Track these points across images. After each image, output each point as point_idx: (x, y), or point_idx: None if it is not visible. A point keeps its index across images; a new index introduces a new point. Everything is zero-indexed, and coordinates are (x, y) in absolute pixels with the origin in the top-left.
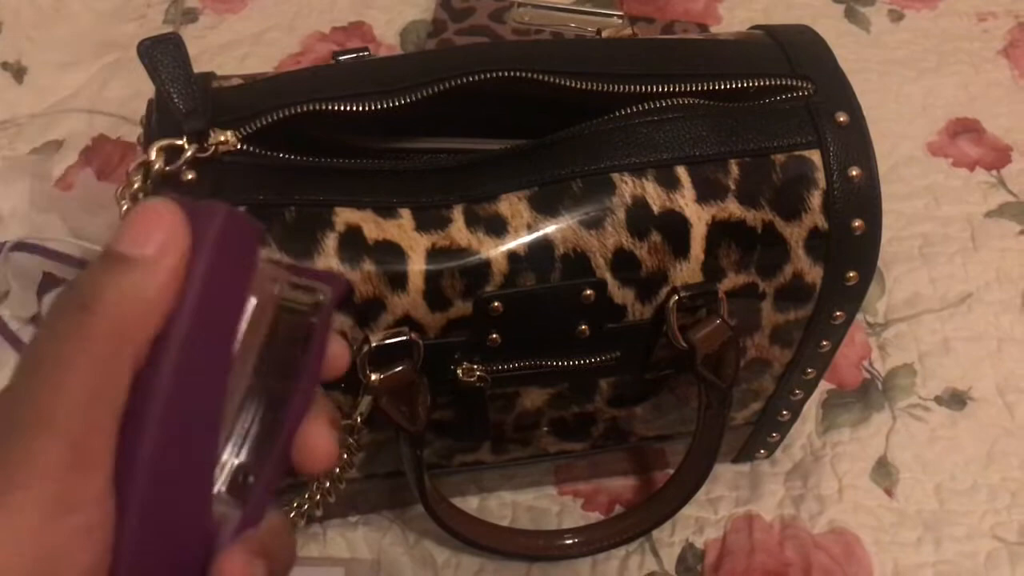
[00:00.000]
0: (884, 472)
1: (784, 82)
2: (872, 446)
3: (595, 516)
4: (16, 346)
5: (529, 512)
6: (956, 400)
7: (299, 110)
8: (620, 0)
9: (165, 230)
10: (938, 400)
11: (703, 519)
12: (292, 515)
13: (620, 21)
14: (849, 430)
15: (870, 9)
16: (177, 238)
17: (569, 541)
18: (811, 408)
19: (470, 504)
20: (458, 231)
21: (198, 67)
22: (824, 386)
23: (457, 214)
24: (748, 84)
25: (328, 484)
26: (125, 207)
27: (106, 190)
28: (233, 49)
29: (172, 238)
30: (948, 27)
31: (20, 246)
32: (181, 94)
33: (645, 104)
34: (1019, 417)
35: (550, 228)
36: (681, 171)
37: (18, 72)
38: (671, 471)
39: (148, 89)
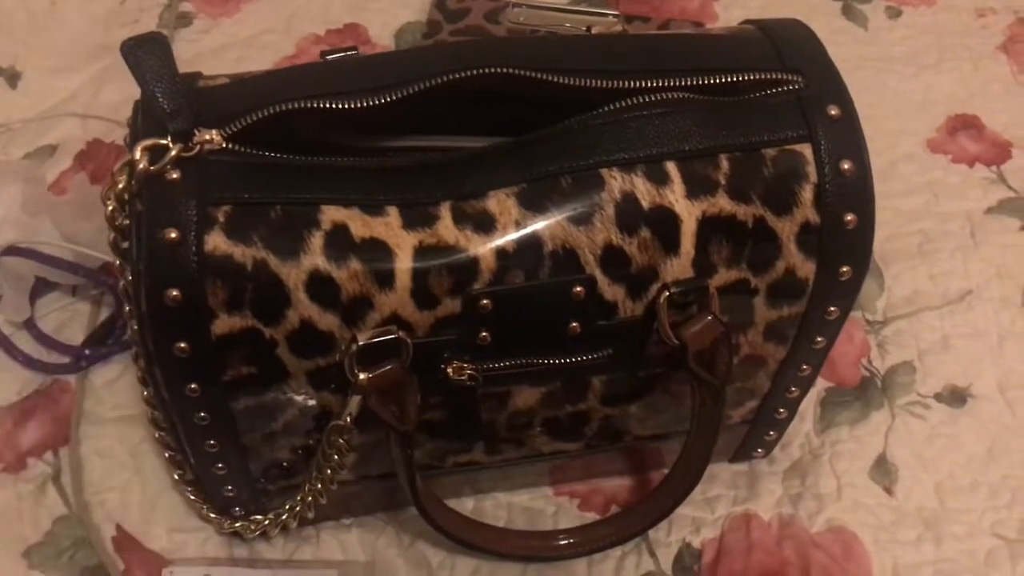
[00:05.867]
0: (883, 470)
1: (774, 76)
2: (871, 444)
3: (591, 516)
4: (8, 350)
5: (525, 513)
6: (956, 397)
7: (285, 108)
8: (615, 0)
9: None
10: (938, 397)
11: (700, 518)
12: (284, 517)
13: (615, 20)
14: (848, 428)
15: (867, 6)
16: None
17: (565, 541)
18: (809, 406)
19: (465, 506)
20: (446, 228)
21: (193, 70)
22: (822, 384)
23: (444, 211)
24: (738, 78)
25: (320, 486)
26: (110, 207)
27: (100, 194)
28: (227, 52)
29: None
30: (946, 23)
31: (12, 250)
32: (165, 93)
33: (634, 99)
34: (1020, 414)
35: (539, 225)
36: (671, 166)
37: (12, 77)
38: (667, 471)
39: None
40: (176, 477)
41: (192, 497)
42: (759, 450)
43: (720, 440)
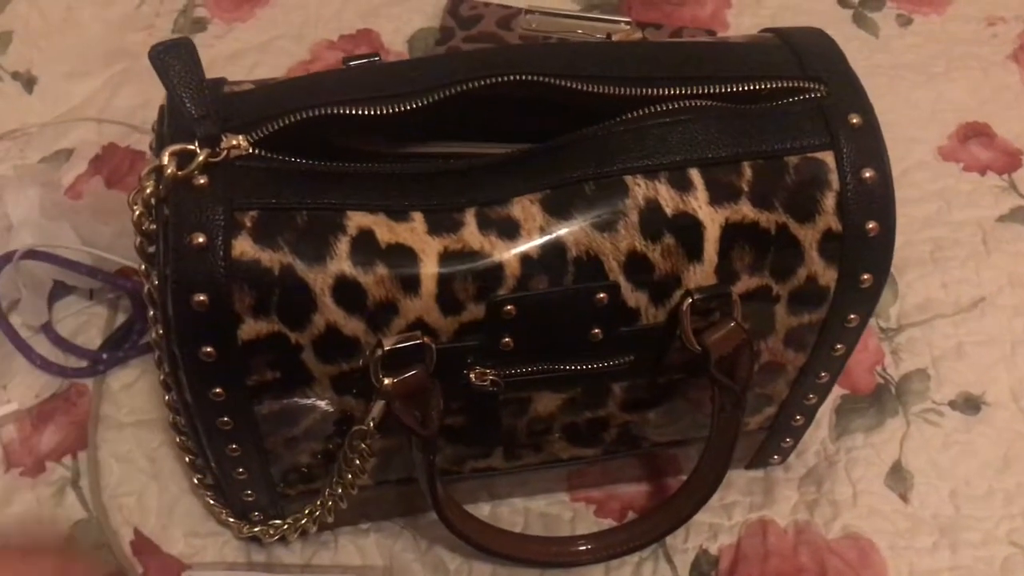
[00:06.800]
0: (899, 477)
1: (796, 84)
2: (886, 451)
3: (608, 523)
4: (26, 353)
5: (542, 519)
6: (970, 405)
7: (310, 114)
8: (627, 6)
9: None
10: (952, 405)
11: (717, 525)
12: (304, 521)
13: (628, 27)
14: (863, 435)
15: (878, 14)
16: None
17: (582, 547)
18: (825, 414)
19: (482, 511)
20: (470, 234)
21: (207, 76)
22: (838, 391)
23: (469, 217)
24: (760, 86)
25: (340, 491)
26: (137, 212)
27: (116, 198)
28: (242, 58)
29: None
30: (957, 32)
31: (31, 254)
32: (193, 99)
33: (657, 107)
34: None
35: (563, 231)
36: (694, 173)
37: (28, 82)
38: (684, 477)
39: (158, 98)
40: (196, 481)
41: (211, 501)
42: (775, 457)
43: (737, 446)
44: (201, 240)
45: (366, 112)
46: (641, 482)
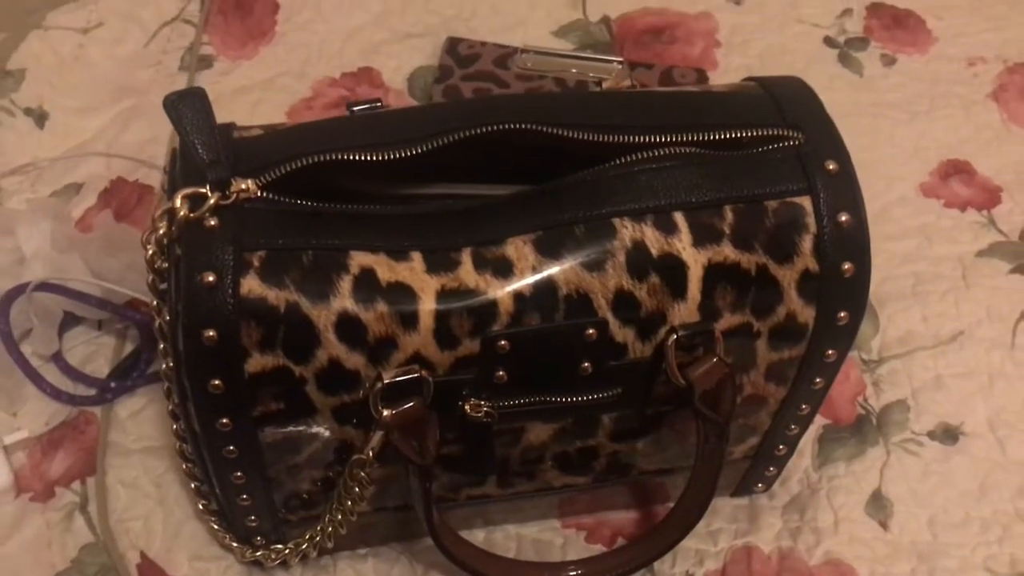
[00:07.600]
0: (879, 505)
1: (776, 132)
2: (867, 480)
3: (598, 548)
4: (37, 382)
5: (534, 545)
6: (948, 435)
7: (316, 159)
8: (619, 46)
9: None
10: (931, 435)
11: (703, 551)
12: (304, 546)
13: (620, 67)
14: (844, 464)
15: (863, 54)
16: None
17: (573, 573)
18: (807, 443)
19: (476, 537)
20: (467, 273)
21: (212, 110)
22: (820, 421)
23: (466, 257)
24: (741, 134)
25: (340, 517)
26: (151, 251)
27: (125, 231)
28: (246, 94)
29: None
30: (939, 71)
31: (43, 286)
32: (205, 144)
33: (644, 153)
34: (1010, 451)
35: (554, 270)
36: (679, 216)
37: (40, 117)
38: (671, 505)
39: (165, 133)
40: (200, 507)
41: (215, 526)
42: (759, 485)
43: (722, 475)
44: (211, 279)
45: (368, 158)
46: (630, 509)
